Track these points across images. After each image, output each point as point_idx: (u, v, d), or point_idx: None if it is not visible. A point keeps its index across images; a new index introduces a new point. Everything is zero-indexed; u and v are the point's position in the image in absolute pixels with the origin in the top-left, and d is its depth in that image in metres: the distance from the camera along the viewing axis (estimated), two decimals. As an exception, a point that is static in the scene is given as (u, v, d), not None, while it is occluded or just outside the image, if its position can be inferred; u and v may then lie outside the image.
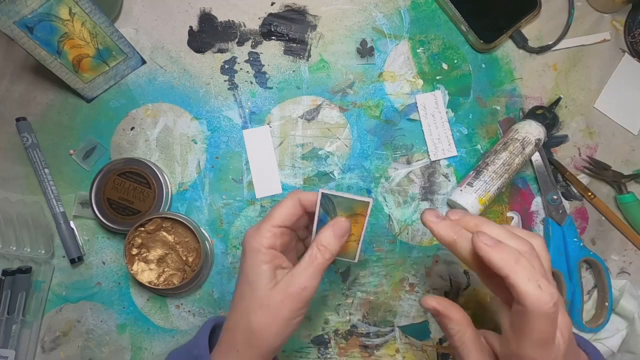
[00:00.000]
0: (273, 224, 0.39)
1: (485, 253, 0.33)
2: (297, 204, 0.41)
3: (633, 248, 0.56)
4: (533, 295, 0.31)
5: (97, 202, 0.52)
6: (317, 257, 0.38)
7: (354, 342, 0.53)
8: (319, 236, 0.39)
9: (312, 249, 0.39)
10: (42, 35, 0.49)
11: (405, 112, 0.57)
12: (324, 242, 0.39)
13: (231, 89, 0.56)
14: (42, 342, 0.53)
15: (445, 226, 0.38)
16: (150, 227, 0.50)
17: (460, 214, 0.39)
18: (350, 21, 0.57)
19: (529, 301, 0.31)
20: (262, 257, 0.39)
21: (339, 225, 0.39)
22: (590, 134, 0.57)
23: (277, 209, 0.40)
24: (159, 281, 0.50)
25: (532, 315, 0.32)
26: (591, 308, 0.55)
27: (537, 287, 0.31)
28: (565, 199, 0.56)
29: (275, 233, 0.39)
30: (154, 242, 0.51)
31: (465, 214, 0.39)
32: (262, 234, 0.39)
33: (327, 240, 0.39)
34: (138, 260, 0.50)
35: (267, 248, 0.39)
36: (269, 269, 0.39)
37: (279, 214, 0.40)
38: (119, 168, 0.52)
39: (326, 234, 0.39)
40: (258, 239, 0.39)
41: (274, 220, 0.40)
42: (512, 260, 0.32)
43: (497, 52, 0.58)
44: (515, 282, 0.32)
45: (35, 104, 0.56)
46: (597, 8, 0.59)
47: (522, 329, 0.33)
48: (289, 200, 0.41)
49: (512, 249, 0.33)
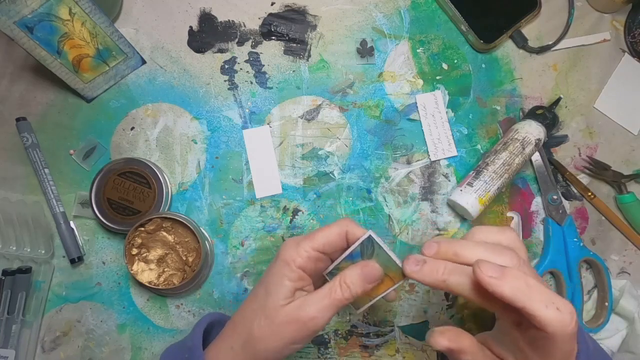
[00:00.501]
0: (313, 245, 0.38)
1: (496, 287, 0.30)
2: (343, 235, 0.39)
3: (633, 248, 0.56)
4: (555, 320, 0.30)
5: (97, 202, 0.52)
6: (337, 293, 0.37)
7: (354, 342, 0.53)
8: (346, 272, 0.38)
9: (334, 283, 0.37)
10: (42, 35, 0.49)
11: (405, 112, 0.57)
12: (348, 280, 0.37)
13: (231, 89, 0.56)
14: (42, 342, 0.53)
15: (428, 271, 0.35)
16: (151, 227, 0.50)
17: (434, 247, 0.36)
18: (350, 21, 0.57)
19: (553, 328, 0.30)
20: (289, 273, 0.38)
21: (371, 269, 0.37)
22: (590, 134, 0.57)
23: (322, 233, 0.39)
24: (159, 281, 0.50)
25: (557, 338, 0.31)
26: (591, 308, 0.55)
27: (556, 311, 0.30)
28: (565, 199, 0.56)
29: (310, 256, 0.38)
30: (154, 242, 0.51)
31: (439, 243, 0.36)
32: (299, 251, 0.38)
33: (352, 280, 0.37)
34: (138, 260, 0.50)
35: (297, 267, 0.38)
36: (290, 286, 0.38)
37: (321, 237, 0.39)
38: (119, 168, 0.52)
39: (354, 272, 0.37)
40: (293, 254, 0.38)
41: (315, 243, 0.38)
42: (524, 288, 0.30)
43: (497, 52, 0.58)
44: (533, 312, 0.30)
45: (35, 104, 0.56)
46: (597, 8, 0.59)
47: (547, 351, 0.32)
48: (336, 228, 0.39)
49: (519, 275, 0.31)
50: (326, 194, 0.55)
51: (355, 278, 0.37)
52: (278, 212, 0.55)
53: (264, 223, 0.55)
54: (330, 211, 0.55)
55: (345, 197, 0.55)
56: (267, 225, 0.55)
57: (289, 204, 0.55)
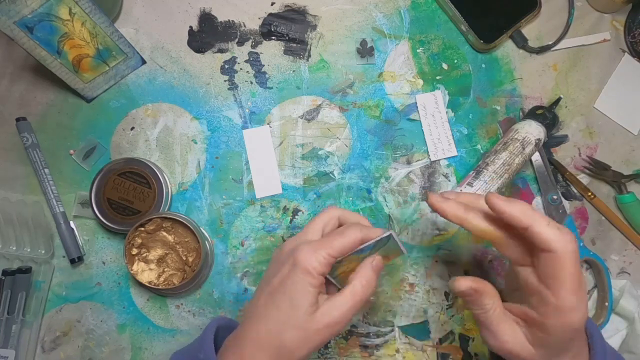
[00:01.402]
0: (331, 253, 0.39)
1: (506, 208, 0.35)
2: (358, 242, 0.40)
3: (633, 248, 0.56)
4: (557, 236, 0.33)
5: (97, 202, 0.52)
6: (359, 293, 0.39)
7: (354, 342, 0.53)
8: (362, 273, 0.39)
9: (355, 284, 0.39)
10: (42, 35, 0.49)
11: (405, 112, 0.57)
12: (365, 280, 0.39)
13: (231, 89, 0.56)
14: (42, 342, 0.53)
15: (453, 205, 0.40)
16: (150, 227, 0.50)
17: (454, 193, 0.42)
18: (350, 21, 0.57)
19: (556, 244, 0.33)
20: (313, 281, 0.38)
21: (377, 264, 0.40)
22: (590, 134, 0.57)
23: (340, 240, 0.39)
24: (159, 281, 0.50)
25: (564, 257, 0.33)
26: (591, 308, 0.55)
27: (557, 229, 0.33)
28: (565, 199, 0.56)
29: (330, 262, 0.39)
30: (154, 242, 0.51)
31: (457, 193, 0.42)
32: (319, 259, 0.38)
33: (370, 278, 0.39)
34: (138, 260, 0.50)
35: (319, 274, 0.38)
36: (314, 293, 0.38)
37: (339, 245, 0.39)
38: (119, 168, 0.52)
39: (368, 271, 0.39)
40: (313, 262, 0.38)
41: (334, 251, 0.39)
42: (530, 211, 0.34)
43: (497, 52, 0.58)
44: (539, 230, 0.33)
45: (35, 104, 0.56)
46: (597, 8, 0.59)
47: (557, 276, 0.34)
48: (353, 234, 0.40)
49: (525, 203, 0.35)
50: (326, 194, 0.55)
51: (371, 276, 0.40)
52: (278, 212, 0.55)
53: (264, 223, 0.55)
54: (330, 211, 0.55)
55: (345, 197, 0.55)
56: (267, 225, 0.55)
57: (289, 204, 0.55)
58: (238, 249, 0.54)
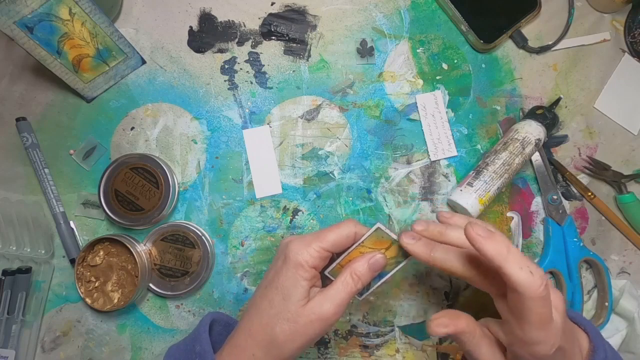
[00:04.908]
0: (323, 246, 0.39)
1: (481, 245, 0.34)
2: (352, 235, 0.41)
3: (633, 248, 0.56)
4: (527, 282, 0.32)
5: (105, 191, 0.52)
6: (350, 285, 0.39)
7: (354, 342, 0.53)
8: (354, 265, 0.40)
9: (345, 276, 0.39)
10: (42, 35, 0.49)
11: (405, 112, 0.57)
12: (358, 272, 0.40)
13: (231, 89, 0.56)
14: (42, 342, 0.53)
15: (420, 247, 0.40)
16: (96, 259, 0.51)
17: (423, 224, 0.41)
18: (350, 21, 0.57)
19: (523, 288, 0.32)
20: (304, 274, 0.39)
21: (376, 260, 0.40)
22: (590, 134, 0.57)
23: (331, 233, 0.40)
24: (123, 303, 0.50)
25: (529, 300, 0.33)
26: (591, 308, 0.55)
27: (529, 274, 0.32)
28: (565, 199, 0.56)
29: (321, 255, 0.39)
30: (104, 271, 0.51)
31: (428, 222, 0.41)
32: (310, 252, 0.39)
33: (362, 271, 0.40)
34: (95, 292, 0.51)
35: (310, 267, 0.39)
36: (306, 286, 0.39)
37: (332, 238, 0.40)
38: (133, 162, 0.52)
39: (362, 265, 0.40)
40: (305, 255, 0.39)
41: (325, 244, 0.39)
42: (504, 251, 0.33)
43: (497, 52, 0.58)
44: (509, 272, 0.33)
45: (35, 104, 0.56)
46: (597, 8, 0.59)
47: (522, 314, 0.34)
48: (345, 229, 0.40)
49: (502, 239, 0.34)
50: (326, 194, 0.55)
51: (364, 270, 0.40)
52: (278, 212, 0.55)
53: (264, 223, 0.55)
54: (330, 211, 0.55)
55: (345, 197, 0.55)
56: (267, 225, 0.55)
57: (289, 204, 0.55)
58: (238, 249, 0.54)
